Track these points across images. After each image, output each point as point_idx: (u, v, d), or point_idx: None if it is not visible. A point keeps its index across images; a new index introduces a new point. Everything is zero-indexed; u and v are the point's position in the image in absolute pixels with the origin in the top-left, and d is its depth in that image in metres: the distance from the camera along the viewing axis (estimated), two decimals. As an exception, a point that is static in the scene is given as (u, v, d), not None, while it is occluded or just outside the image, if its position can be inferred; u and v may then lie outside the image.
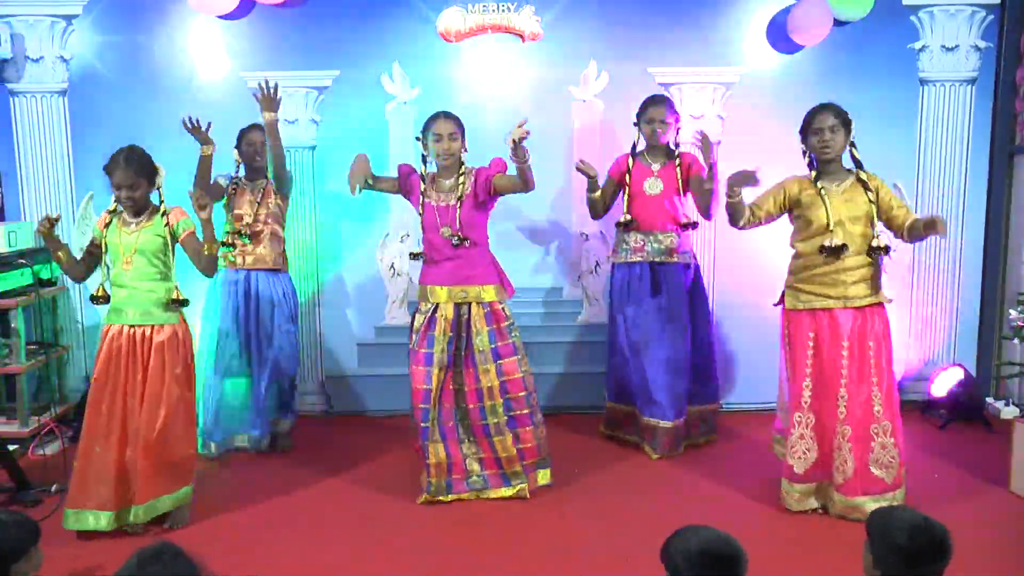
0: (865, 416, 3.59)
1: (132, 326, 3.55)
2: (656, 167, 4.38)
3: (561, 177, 5.01)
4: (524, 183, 3.74)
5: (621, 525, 3.66)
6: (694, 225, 4.42)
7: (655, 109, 4.33)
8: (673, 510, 3.78)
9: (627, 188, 4.38)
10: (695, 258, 4.53)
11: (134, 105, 4.88)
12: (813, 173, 3.71)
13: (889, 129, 4.89)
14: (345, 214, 5.06)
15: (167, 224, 3.56)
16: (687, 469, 4.29)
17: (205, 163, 4.22)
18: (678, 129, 4.42)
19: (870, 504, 3.48)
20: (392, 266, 5.06)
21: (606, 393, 4.70)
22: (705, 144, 4.04)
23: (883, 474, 3.60)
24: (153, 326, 3.54)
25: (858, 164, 3.71)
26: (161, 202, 3.60)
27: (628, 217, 4.36)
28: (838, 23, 4.79)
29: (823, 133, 3.63)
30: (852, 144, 3.70)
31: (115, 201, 3.60)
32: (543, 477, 4.02)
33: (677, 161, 4.36)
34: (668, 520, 2.53)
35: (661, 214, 4.37)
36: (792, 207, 3.73)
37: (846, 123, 3.66)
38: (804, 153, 3.74)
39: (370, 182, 3.93)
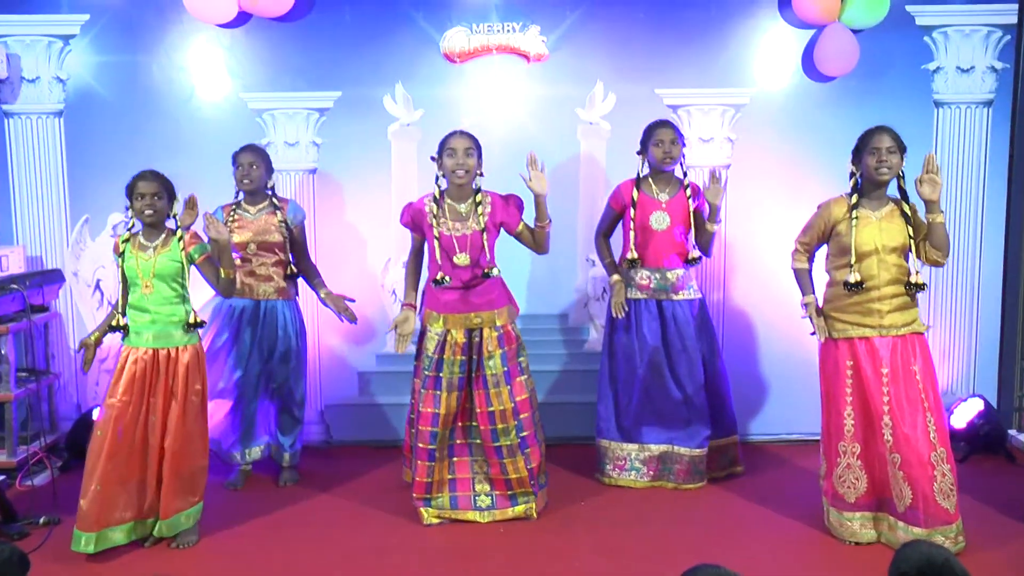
0: (925, 445, 3.50)
1: (153, 349, 3.62)
2: (664, 198, 4.24)
3: (568, 201, 4.91)
4: (538, 246, 3.93)
5: (630, 560, 3.54)
6: (699, 259, 4.31)
7: (664, 130, 4.20)
8: (685, 545, 3.68)
9: (632, 220, 4.24)
10: (701, 292, 4.42)
11: (132, 126, 4.81)
12: (854, 197, 3.63)
13: (903, 152, 4.80)
14: (346, 238, 4.97)
15: (183, 249, 3.64)
16: (700, 503, 4.18)
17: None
18: (684, 155, 4.29)
19: (938, 537, 3.40)
20: (394, 292, 4.96)
21: (601, 431, 4.44)
22: (716, 191, 4.08)
23: (947, 504, 3.50)
24: (177, 348, 3.64)
25: (903, 194, 3.66)
26: (178, 227, 3.67)
27: (635, 255, 4.22)
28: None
29: (881, 153, 3.55)
30: (900, 175, 3.63)
31: (134, 215, 3.64)
32: (541, 499, 4.01)
33: (688, 192, 4.24)
34: (679, 557, 2.45)
35: (668, 249, 4.24)
36: (832, 227, 3.66)
37: (902, 148, 3.60)
38: (851, 175, 3.67)
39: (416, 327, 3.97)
